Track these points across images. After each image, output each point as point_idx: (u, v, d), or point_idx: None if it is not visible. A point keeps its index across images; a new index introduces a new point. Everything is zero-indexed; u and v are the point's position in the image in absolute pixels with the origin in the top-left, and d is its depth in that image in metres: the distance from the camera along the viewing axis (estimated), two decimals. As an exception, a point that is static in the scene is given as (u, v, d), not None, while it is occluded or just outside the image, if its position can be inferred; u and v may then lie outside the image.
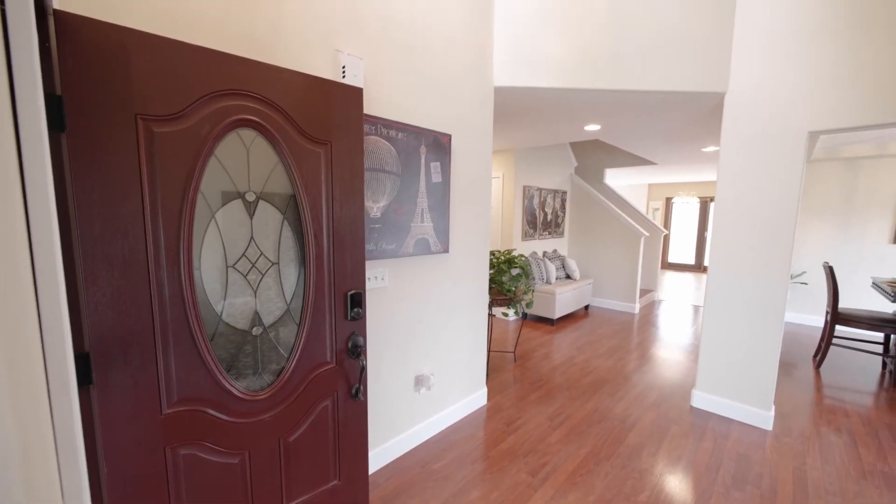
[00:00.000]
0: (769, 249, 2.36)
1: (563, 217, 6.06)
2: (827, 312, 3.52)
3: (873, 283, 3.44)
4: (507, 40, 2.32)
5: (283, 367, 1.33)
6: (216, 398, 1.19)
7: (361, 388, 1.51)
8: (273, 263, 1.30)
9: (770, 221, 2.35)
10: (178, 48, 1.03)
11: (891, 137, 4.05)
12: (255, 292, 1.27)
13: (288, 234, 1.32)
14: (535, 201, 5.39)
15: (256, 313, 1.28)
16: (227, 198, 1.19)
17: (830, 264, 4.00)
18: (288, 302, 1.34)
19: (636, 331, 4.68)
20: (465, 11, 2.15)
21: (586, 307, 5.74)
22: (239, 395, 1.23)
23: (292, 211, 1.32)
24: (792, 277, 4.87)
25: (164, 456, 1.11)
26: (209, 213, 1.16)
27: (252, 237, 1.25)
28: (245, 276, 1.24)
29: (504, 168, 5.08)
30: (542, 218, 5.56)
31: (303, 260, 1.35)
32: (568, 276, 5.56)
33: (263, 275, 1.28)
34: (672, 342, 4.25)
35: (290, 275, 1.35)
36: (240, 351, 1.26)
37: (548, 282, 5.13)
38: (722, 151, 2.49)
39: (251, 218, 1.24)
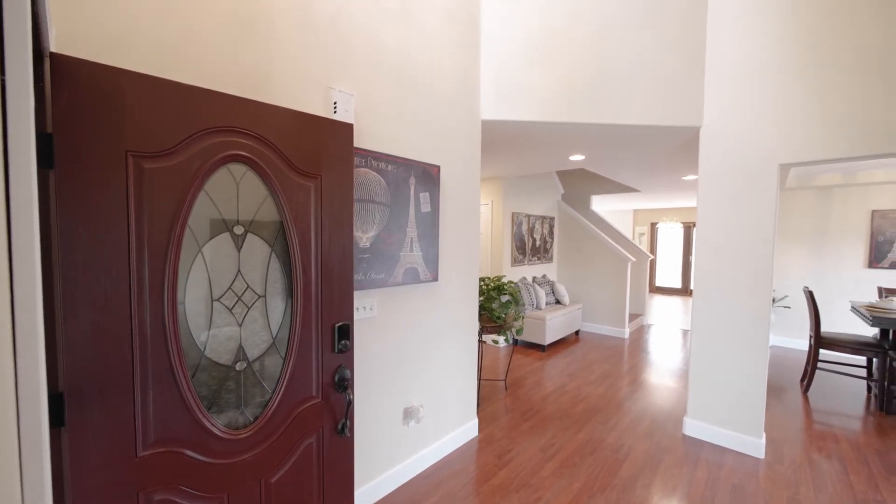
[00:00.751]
0: (750, 276, 2.43)
1: (552, 243, 6.15)
2: (811, 337, 3.59)
3: (852, 307, 3.54)
4: (493, 76, 2.43)
5: (267, 404, 1.30)
6: (195, 438, 1.14)
7: (348, 423, 1.47)
8: (260, 296, 1.29)
9: (750, 249, 2.43)
10: (171, 87, 1.06)
11: (858, 168, 4.27)
12: (241, 326, 1.25)
13: (276, 266, 1.32)
14: (524, 227, 5.47)
15: (241, 347, 1.26)
16: (215, 231, 1.20)
17: (810, 289, 4.10)
18: (274, 335, 1.32)
19: (627, 356, 4.67)
20: (454, 48, 2.26)
21: (577, 332, 5.74)
22: (220, 434, 1.19)
23: (280, 243, 1.32)
24: (775, 301, 4.97)
25: (137, 502, 1.05)
26: (196, 247, 1.16)
27: (239, 270, 1.24)
28: (230, 310, 1.23)
29: (493, 195, 5.18)
30: (530, 244, 5.63)
31: (290, 292, 1.35)
32: (558, 302, 5.58)
33: (249, 308, 1.27)
34: (663, 367, 4.25)
35: (277, 307, 1.33)
36: (222, 387, 1.23)
37: (538, 307, 5.14)
38: (700, 181, 2.59)
39: (239, 251, 1.24)
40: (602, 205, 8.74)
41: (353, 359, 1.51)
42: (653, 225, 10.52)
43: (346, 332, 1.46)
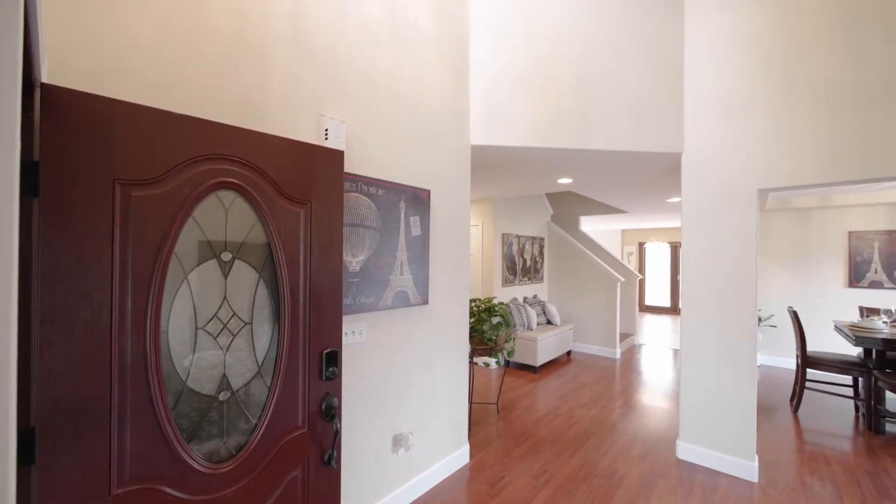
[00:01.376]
0: (736, 297, 2.47)
1: (542, 263, 6.20)
2: (797, 356, 3.63)
3: (835, 326, 3.60)
4: (482, 103, 2.50)
5: (251, 435, 1.26)
6: (174, 474, 1.10)
7: (335, 453, 1.42)
8: (245, 323, 1.27)
9: (734, 270, 2.48)
10: (161, 116, 1.07)
11: (833, 191, 4.44)
12: (225, 354, 1.22)
13: (263, 292, 1.31)
14: (514, 248, 5.52)
15: (225, 376, 1.23)
16: (202, 257, 1.18)
17: (794, 309, 4.18)
18: (259, 363, 1.29)
19: (618, 377, 4.65)
20: (444, 77, 2.33)
21: (568, 353, 5.71)
22: (200, 468, 1.14)
23: (269, 269, 1.31)
24: (761, 321, 5.04)
25: (108, 545, 0.99)
26: (182, 274, 1.14)
27: (225, 297, 1.22)
28: (215, 338, 1.20)
29: (483, 216, 5.24)
30: (521, 264, 5.66)
31: (277, 318, 1.33)
32: (549, 322, 5.58)
33: (235, 335, 1.25)
34: (654, 388, 4.24)
35: (264, 334, 1.31)
36: (204, 418, 1.19)
37: (529, 328, 5.12)
38: (683, 205, 2.66)
39: (226, 277, 1.23)
40: (591, 225, 8.88)
41: (341, 386, 1.48)
42: (641, 244, 10.70)
43: (334, 359, 1.44)
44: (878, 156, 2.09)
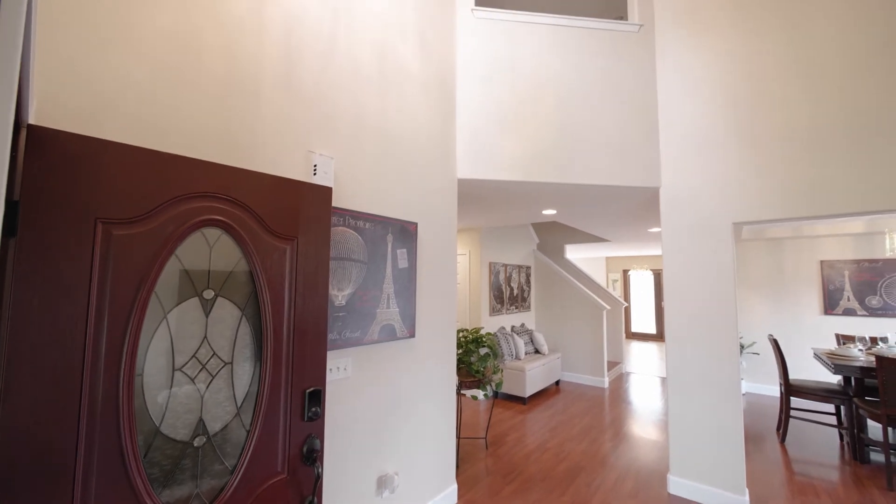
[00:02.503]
0: (717, 326, 2.52)
1: (529, 291, 6.23)
2: (780, 384, 3.67)
3: (814, 354, 3.68)
4: (468, 139, 2.59)
5: (226, 483, 1.19)
6: (140, 530, 1.02)
7: (316, 500, 1.35)
8: (226, 363, 1.23)
9: (714, 301, 2.54)
10: (147, 156, 1.08)
11: (803, 222, 4.66)
12: (203, 397, 1.18)
13: (246, 330, 1.28)
14: (501, 277, 5.55)
15: (201, 420, 1.17)
16: (183, 296, 1.16)
17: (774, 337, 4.26)
18: (238, 405, 1.25)
19: (608, 407, 4.60)
20: (431, 114, 2.41)
21: (557, 383, 5.65)
22: (169, 523, 1.07)
23: (252, 307, 1.29)
24: (744, 348, 5.12)
25: None
26: (161, 314, 1.11)
27: (206, 336, 1.19)
28: (193, 380, 1.16)
29: (470, 245, 5.29)
30: (508, 293, 5.68)
31: (259, 357, 1.29)
32: (537, 351, 5.54)
33: (214, 376, 1.20)
34: (644, 418, 4.20)
35: (244, 374, 1.27)
36: (176, 466, 1.12)
37: (517, 357, 5.07)
38: (663, 236, 2.75)
39: (207, 315, 1.20)
40: (576, 253, 9.04)
41: (323, 427, 1.43)
42: (625, 272, 10.89)
43: (317, 398, 1.40)
44: (836, 194, 2.22)
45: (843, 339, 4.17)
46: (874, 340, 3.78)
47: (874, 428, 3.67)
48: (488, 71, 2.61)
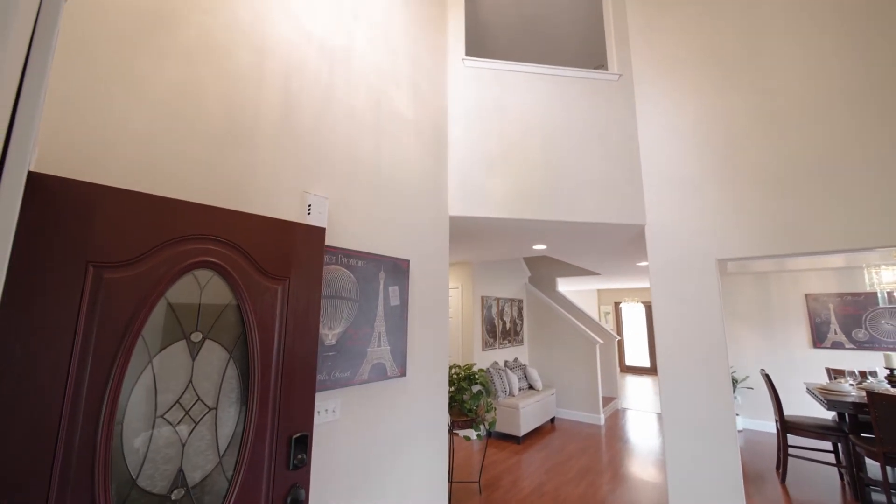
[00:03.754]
0: (708, 364, 2.52)
1: (522, 325, 6.20)
2: (776, 421, 3.63)
3: (807, 389, 3.67)
4: (459, 178, 2.67)
5: (204, 541, 1.12)
6: None
7: (298, 558, 1.28)
8: (210, 409, 1.20)
9: (704, 337, 2.55)
10: (142, 200, 1.10)
11: (785, 257, 4.79)
12: (184, 445, 1.13)
13: (233, 373, 1.25)
14: (494, 310, 5.53)
15: (181, 471, 1.12)
16: (170, 339, 1.14)
17: (766, 372, 4.26)
18: (221, 454, 1.20)
19: (605, 446, 4.47)
20: (423, 154, 2.50)
21: (552, 420, 5.50)
22: (139, 588, 1.00)
23: (240, 349, 1.27)
24: (737, 383, 5.08)
25: None
26: (147, 358, 1.09)
27: (191, 381, 1.17)
28: (175, 427, 1.12)
29: (462, 279, 5.30)
30: (501, 327, 5.64)
31: (245, 401, 1.26)
32: (531, 387, 5.44)
33: (197, 423, 1.17)
34: (642, 458, 4.08)
35: (228, 419, 1.23)
36: (151, 523, 1.06)
37: (511, 394, 4.97)
38: (651, 272, 2.80)
39: (193, 359, 1.18)
40: (567, 286, 9.09)
41: (309, 475, 1.38)
42: (616, 304, 10.92)
43: (303, 445, 1.35)
44: (809, 233, 2.31)
45: (834, 374, 4.18)
46: (863, 374, 3.79)
47: (873, 466, 3.60)
48: (478, 114, 2.75)
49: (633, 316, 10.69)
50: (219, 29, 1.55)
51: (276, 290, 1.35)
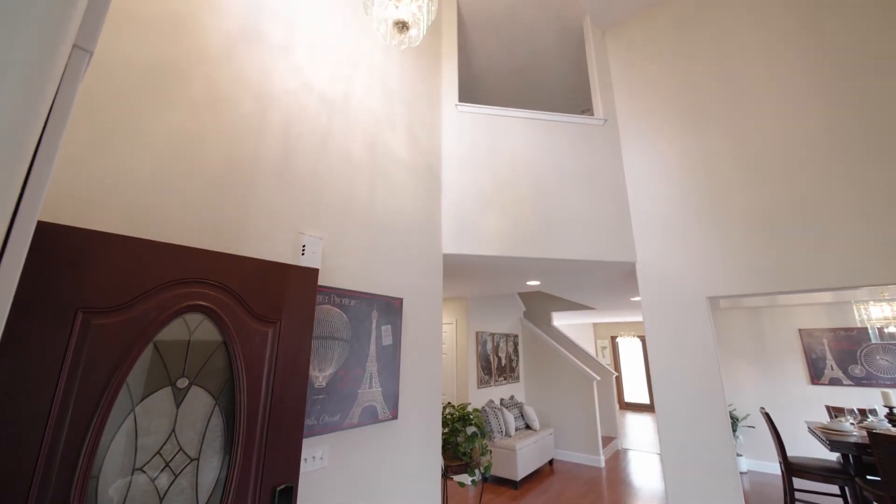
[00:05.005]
0: (705, 402, 2.48)
1: (517, 361, 6.09)
2: (780, 462, 3.52)
3: (809, 428, 3.59)
4: (452, 217, 2.73)
5: None
6: None
7: None
8: (192, 459, 1.15)
9: (699, 374, 2.53)
10: (136, 245, 1.11)
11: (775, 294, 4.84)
12: (162, 500, 1.08)
13: (217, 421, 1.22)
14: (489, 346, 5.45)
15: (157, 529, 1.06)
16: (155, 385, 1.12)
17: (766, 410, 4.19)
18: (200, 509, 1.14)
19: (606, 490, 4.28)
20: (418, 194, 2.56)
21: (550, 462, 5.29)
22: None
23: (227, 395, 1.24)
24: (738, 421, 4.97)
25: None
26: (129, 406, 1.07)
27: (174, 430, 1.13)
28: (153, 481, 1.08)
29: (457, 314, 5.26)
30: (496, 363, 5.54)
31: (229, 450, 1.22)
32: (528, 426, 5.26)
33: (177, 475, 1.12)
34: (645, 502, 3.90)
35: (210, 470, 1.18)
36: (121, 589, 0.99)
37: (507, 434, 4.80)
38: (644, 309, 2.81)
39: (178, 407, 1.15)
40: (563, 320, 9.03)
41: (293, 531, 1.30)
42: (613, 338, 10.81)
43: (288, 497, 1.29)
44: (793, 271, 2.36)
45: (834, 412, 4.11)
46: (863, 413, 3.74)
47: (883, 511, 3.46)
48: (471, 156, 2.85)
49: (631, 350, 10.55)
50: (225, 81, 1.64)
51: (266, 334, 1.34)
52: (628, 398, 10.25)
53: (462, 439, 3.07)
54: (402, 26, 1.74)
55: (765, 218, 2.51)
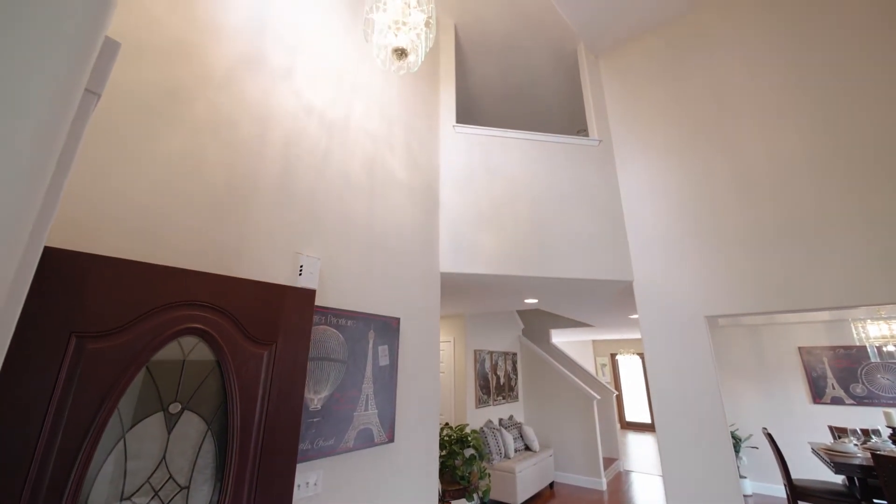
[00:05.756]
0: (705, 423, 2.44)
1: (516, 379, 6.02)
2: (785, 485, 3.45)
3: (812, 449, 3.54)
4: (450, 236, 2.74)
5: None
6: None
7: None
8: (182, 488, 1.12)
9: (698, 394, 2.50)
10: (130, 267, 1.10)
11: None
12: (149, 532, 1.05)
13: (209, 447, 1.19)
14: (487, 365, 5.39)
15: (143, 563, 1.03)
16: (147, 410, 1.10)
17: (769, 430, 4.13)
18: (189, 541, 1.11)
19: (607, 516, 4.16)
20: (416, 214, 2.58)
21: (551, 485, 5.16)
22: None
23: (220, 421, 1.22)
24: (741, 441, 4.89)
25: None
26: (120, 432, 1.05)
27: (164, 457, 1.10)
28: (142, 511, 1.05)
29: (455, 332, 5.22)
30: (494, 382, 5.47)
31: (221, 477, 1.19)
32: (527, 448, 5.16)
33: (166, 505, 1.09)
34: (647, 531, 3.78)
35: (201, 499, 1.15)
36: None
37: (506, 455, 4.69)
38: (642, 328, 2.81)
39: (170, 432, 1.13)
40: (561, 337, 8.96)
41: (284, 563, 1.26)
42: (613, 356, 10.72)
43: (280, 527, 1.25)
44: (789, 291, 2.36)
45: (837, 432, 4.05)
46: (866, 433, 3.69)
47: (892, 536, 3.38)
48: (468, 176, 2.89)
49: (631, 368, 10.45)
50: (227, 103, 1.67)
51: (261, 356, 1.33)
52: (630, 417, 10.08)
53: (460, 462, 3.00)
54: (401, 53, 1.79)
55: (760, 237, 2.53)
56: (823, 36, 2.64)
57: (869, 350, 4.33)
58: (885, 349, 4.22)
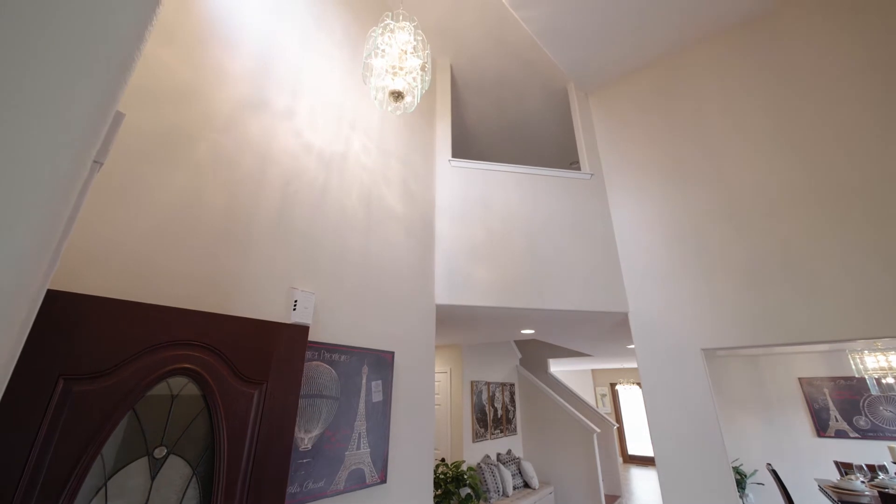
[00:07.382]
0: (705, 457, 2.38)
1: (514, 411, 5.87)
2: (793, 526, 3.32)
3: (819, 487, 3.43)
4: (445, 268, 2.76)
5: None
6: None
7: None
8: (163, 539, 1.08)
9: (697, 426, 2.45)
10: (122, 308, 1.10)
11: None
12: (126, 588, 1.00)
13: (194, 493, 1.15)
14: (484, 396, 5.28)
15: None
16: (131, 455, 1.07)
17: (773, 466, 4.01)
18: None
19: (611, 560, 3.96)
20: (411, 248, 2.60)
21: (551, 526, 4.93)
22: None
23: (206, 465, 1.19)
24: (746, 478, 4.73)
25: None
26: (101, 479, 1.01)
27: (146, 506, 1.07)
28: (119, 565, 1.00)
29: (451, 363, 5.14)
30: (492, 414, 5.33)
31: (204, 527, 1.14)
32: (526, 484, 4.97)
33: (145, 558, 1.04)
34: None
35: (182, 551, 1.10)
36: None
37: (504, 494, 4.51)
38: (638, 359, 2.78)
39: (153, 479, 1.10)
40: (560, 366, 8.82)
41: None
42: (612, 385, 10.51)
43: (264, 581, 1.19)
44: (783, 324, 2.36)
45: (843, 468, 3.95)
46: (872, 469, 3.59)
47: (909, 582, 3.22)
48: (464, 209, 2.94)
49: (632, 398, 10.22)
50: (229, 144, 1.72)
51: (251, 396, 1.31)
52: (632, 451, 9.76)
53: (456, 502, 2.89)
54: (398, 95, 1.87)
55: (753, 270, 2.55)
56: (805, 74, 2.75)
57: (868, 382, 4.29)
58: (884, 381, 4.18)
